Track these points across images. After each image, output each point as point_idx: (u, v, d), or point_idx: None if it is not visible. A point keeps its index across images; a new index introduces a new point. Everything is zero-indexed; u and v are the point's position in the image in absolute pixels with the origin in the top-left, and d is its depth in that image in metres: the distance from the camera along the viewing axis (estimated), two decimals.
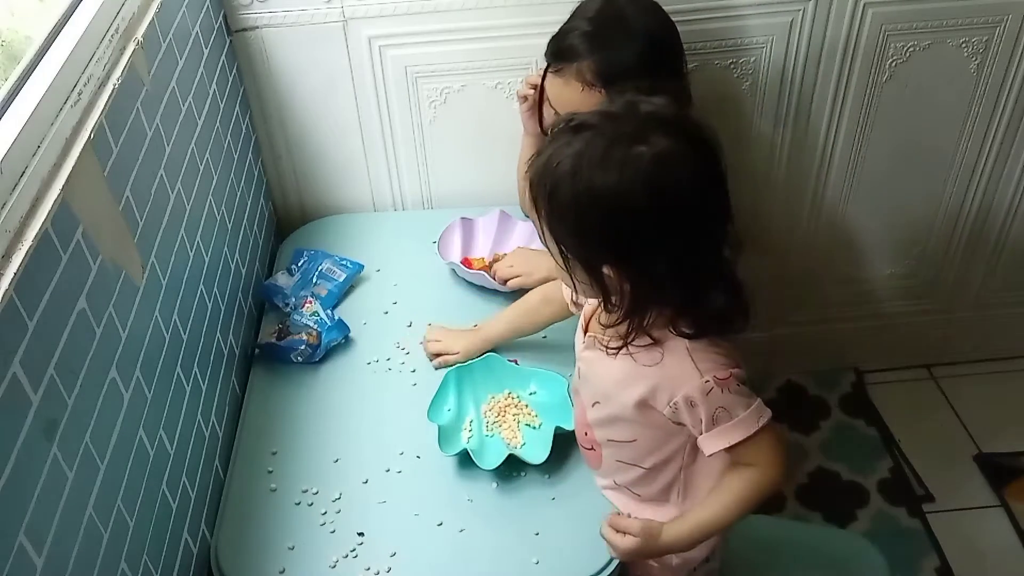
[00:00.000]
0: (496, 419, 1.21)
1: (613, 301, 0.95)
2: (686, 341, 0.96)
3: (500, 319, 1.32)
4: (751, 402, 0.97)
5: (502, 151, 1.58)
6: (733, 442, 0.97)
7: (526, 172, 0.96)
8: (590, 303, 1.08)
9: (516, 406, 1.22)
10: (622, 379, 1.01)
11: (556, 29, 1.44)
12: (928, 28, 1.51)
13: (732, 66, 1.53)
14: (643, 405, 1.00)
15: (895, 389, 1.98)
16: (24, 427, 0.70)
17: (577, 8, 1.28)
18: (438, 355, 1.31)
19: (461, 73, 1.50)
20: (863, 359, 2.01)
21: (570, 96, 1.23)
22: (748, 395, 0.97)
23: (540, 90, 1.32)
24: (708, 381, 0.95)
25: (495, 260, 1.47)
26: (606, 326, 1.00)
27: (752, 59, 1.52)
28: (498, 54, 1.49)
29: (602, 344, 1.01)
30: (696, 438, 1.00)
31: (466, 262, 1.47)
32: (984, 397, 1.95)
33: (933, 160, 1.70)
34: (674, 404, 0.98)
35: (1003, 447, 1.84)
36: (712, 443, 0.98)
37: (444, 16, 1.44)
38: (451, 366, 1.27)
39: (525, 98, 1.38)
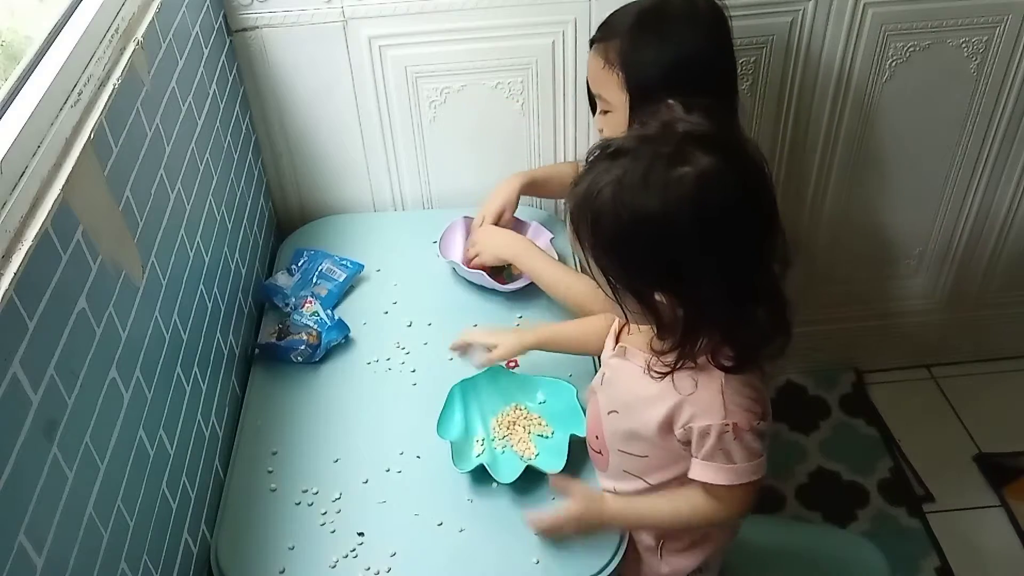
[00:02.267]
0: (506, 433, 1.19)
1: (666, 328, 0.93)
2: (722, 376, 0.95)
3: (552, 329, 1.27)
4: (754, 458, 0.97)
5: (502, 151, 1.58)
6: (717, 483, 0.98)
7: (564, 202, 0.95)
8: None
9: (526, 417, 1.21)
10: (649, 397, 1.00)
11: (556, 29, 1.45)
12: (928, 28, 1.51)
13: None
14: (664, 427, 1.00)
15: (895, 389, 1.98)
16: (24, 427, 0.70)
17: None
18: (465, 347, 1.28)
19: (461, 73, 1.50)
20: (863, 359, 2.01)
21: (593, 71, 1.24)
22: (757, 450, 0.97)
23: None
24: (727, 425, 0.95)
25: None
26: (657, 352, 0.97)
27: (752, 59, 1.52)
28: (498, 54, 1.49)
29: (652, 370, 0.98)
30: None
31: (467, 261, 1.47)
32: (984, 397, 1.95)
33: (933, 160, 1.70)
34: (688, 428, 0.98)
35: (1003, 447, 1.84)
36: (698, 471, 0.99)
37: (444, 16, 1.44)
38: (479, 365, 1.24)
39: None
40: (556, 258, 1.43)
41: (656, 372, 0.97)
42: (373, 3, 1.43)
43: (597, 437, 1.11)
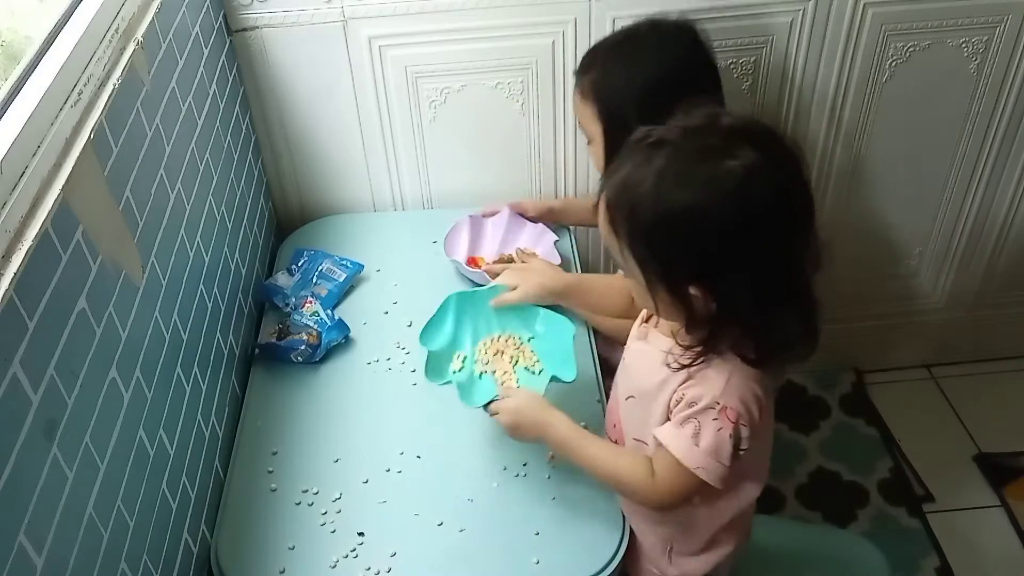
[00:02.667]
0: (490, 359, 1.17)
1: (696, 322, 0.92)
2: (737, 363, 0.93)
3: (578, 278, 1.27)
4: (716, 457, 0.94)
5: (502, 151, 1.58)
6: (671, 449, 0.95)
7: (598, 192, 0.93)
8: None
9: (517, 348, 1.18)
10: (664, 381, 0.99)
11: (556, 29, 1.45)
12: (928, 28, 1.51)
13: (732, 66, 1.53)
14: (670, 405, 0.98)
15: (895, 389, 1.98)
16: (24, 427, 0.70)
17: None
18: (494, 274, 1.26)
19: (461, 73, 1.50)
20: (863, 359, 2.01)
21: (574, 103, 1.28)
22: (724, 452, 0.93)
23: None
24: (717, 403, 0.93)
25: (500, 260, 1.47)
26: (684, 346, 0.96)
27: (752, 59, 1.52)
28: (498, 54, 1.49)
29: (675, 360, 0.96)
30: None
31: (471, 261, 1.47)
32: (984, 397, 1.95)
33: (933, 160, 1.70)
34: (682, 394, 0.96)
35: (1003, 447, 1.84)
36: (663, 431, 0.97)
37: (444, 16, 1.44)
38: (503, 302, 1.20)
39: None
40: (559, 262, 1.43)
41: (677, 364, 0.95)
42: (373, 3, 1.43)
43: (615, 425, 1.10)
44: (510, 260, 1.47)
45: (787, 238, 0.88)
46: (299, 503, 1.13)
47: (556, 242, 1.47)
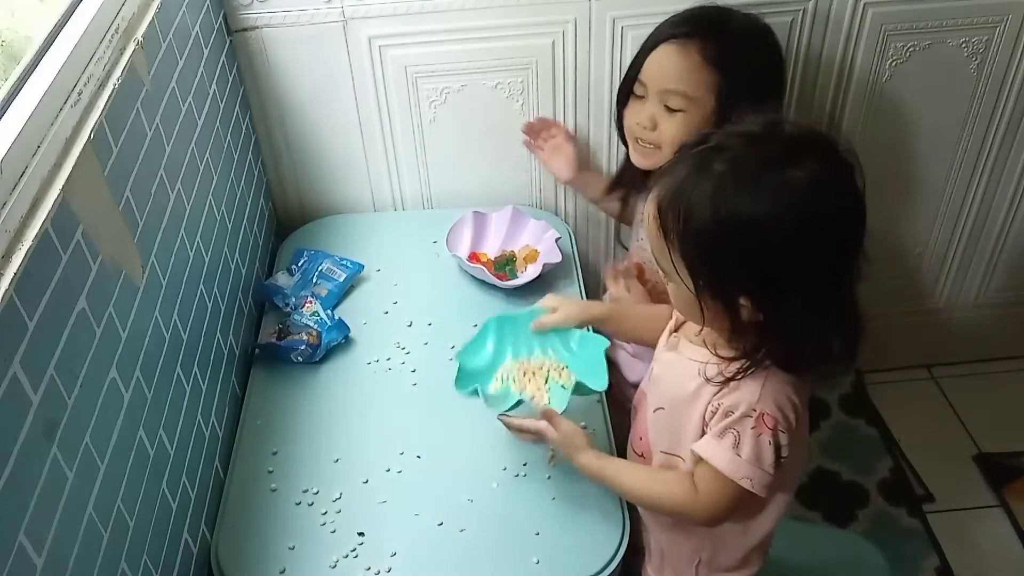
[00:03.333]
0: (526, 380, 1.17)
1: (741, 333, 0.91)
2: (771, 368, 0.92)
3: (621, 306, 1.24)
4: (759, 465, 0.93)
5: (502, 151, 1.58)
6: (713, 462, 0.94)
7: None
8: None
9: (554, 368, 1.18)
10: (696, 390, 0.98)
11: (556, 29, 1.45)
12: (928, 28, 1.51)
13: None
14: (704, 418, 0.97)
15: (895, 389, 1.98)
16: (24, 427, 0.70)
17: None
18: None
19: (461, 73, 1.50)
20: (863, 359, 2.00)
21: (680, 67, 1.21)
22: (766, 460, 0.92)
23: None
24: (754, 410, 0.92)
25: (502, 256, 1.47)
26: (725, 358, 0.94)
27: None
28: (498, 54, 1.49)
29: (710, 378, 0.96)
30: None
31: (473, 257, 1.47)
32: (984, 397, 1.95)
33: (933, 160, 1.70)
34: (717, 405, 0.94)
35: (1003, 447, 1.84)
36: (703, 444, 0.96)
37: (444, 16, 1.44)
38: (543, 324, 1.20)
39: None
40: (559, 260, 1.43)
41: (721, 378, 0.94)
42: (373, 3, 1.43)
43: (641, 438, 1.09)
44: (512, 256, 1.47)
45: (841, 252, 0.87)
46: (299, 503, 1.13)
47: (557, 239, 1.47)
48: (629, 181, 1.42)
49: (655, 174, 0.94)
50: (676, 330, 1.06)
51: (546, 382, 1.17)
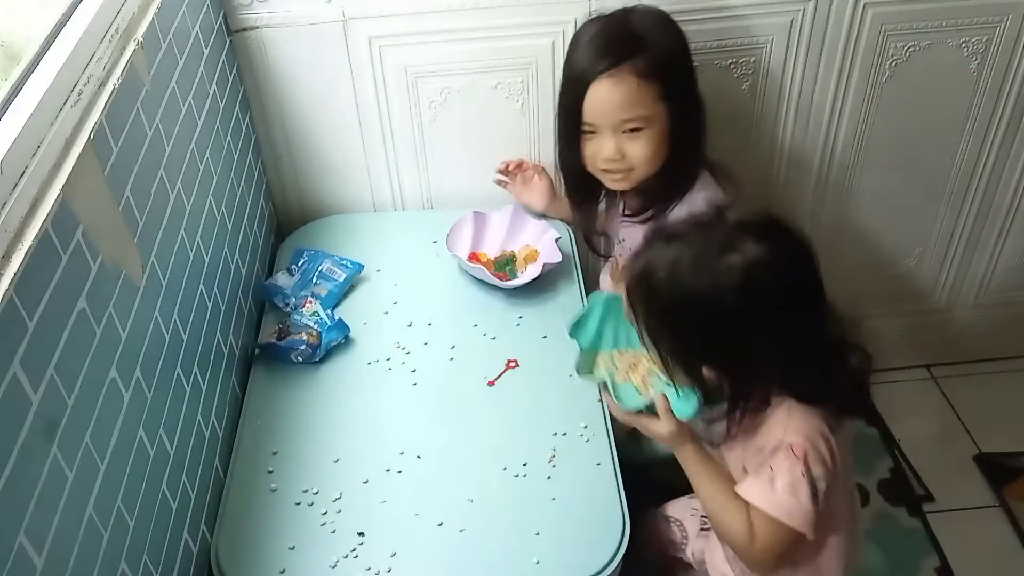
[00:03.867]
0: (627, 368, 1.16)
1: (712, 397, 1.00)
2: (792, 402, 0.98)
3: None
4: (796, 497, 0.95)
5: (502, 151, 1.58)
6: (754, 501, 0.98)
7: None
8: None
9: (648, 367, 1.16)
10: (736, 464, 1.05)
11: (556, 29, 1.45)
12: (928, 28, 1.51)
13: (732, 66, 1.53)
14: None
15: (895, 389, 1.98)
16: (24, 427, 0.70)
17: (578, 36, 1.29)
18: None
19: (461, 73, 1.50)
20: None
21: (625, 96, 1.23)
22: (802, 492, 0.95)
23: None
24: (782, 442, 0.97)
25: (502, 257, 1.48)
26: (708, 421, 1.04)
27: (752, 59, 1.52)
28: (498, 54, 1.48)
29: (718, 440, 1.05)
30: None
31: (473, 257, 1.47)
32: (984, 397, 1.95)
33: (933, 160, 1.70)
34: (747, 452, 1.01)
35: (1003, 447, 1.84)
36: (743, 485, 1.01)
37: (444, 16, 1.44)
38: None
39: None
40: (559, 260, 1.43)
41: (719, 441, 1.03)
42: (373, 3, 1.43)
43: None
44: (512, 256, 1.47)
45: (788, 319, 0.95)
46: (299, 503, 1.13)
47: (557, 239, 1.47)
48: (582, 194, 1.42)
49: (628, 259, 1.04)
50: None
51: (649, 376, 1.16)
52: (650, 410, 1.10)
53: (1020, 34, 1.53)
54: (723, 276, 0.93)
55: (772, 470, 0.96)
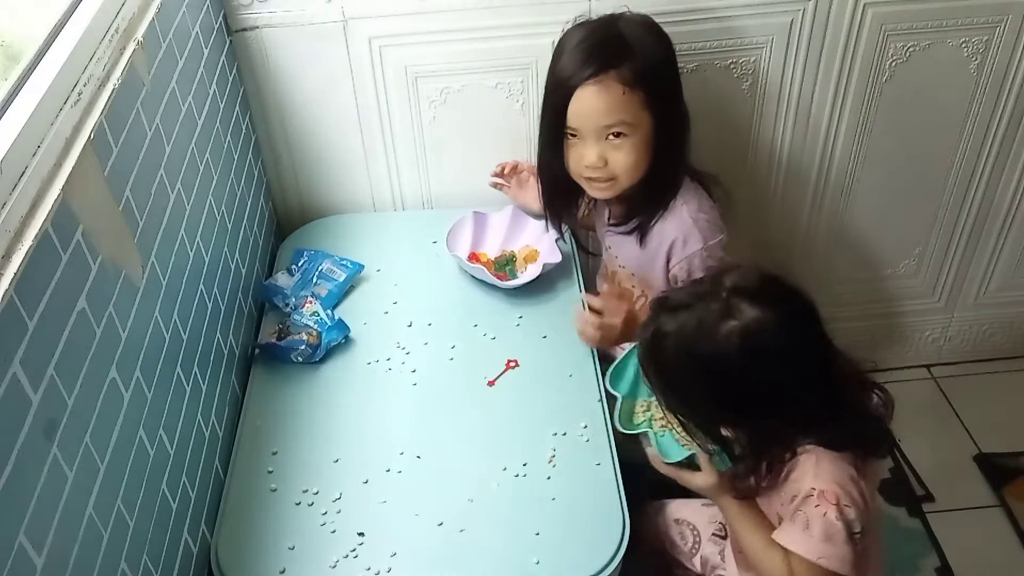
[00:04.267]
0: (662, 416, 1.17)
1: (737, 454, 1.03)
2: (820, 448, 1.00)
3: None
4: (833, 542, 0.97)
5: (502, 151, 1.58)
6: (790, 547, 1.00)
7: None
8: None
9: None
10: (770, 514, 1.08)
11: (556, 29, 1.44)
12: (928, 28, 1.51)
13: (732, 66, 1.53)
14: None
15: (895, 389, 1.97)
16: (24, 427, 0.70)
17: (563, 42, 1.29)
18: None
19: (461, 73, 1.50)
20: (863, 359, 2.01)
21: (609, 102, 1.22)
22: (839, 536, 0.97)
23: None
24: (813, 490, 0.98)
25: (502, 257, 1.48)
26: (735, 477, 1.06)
27: (752, 59, 1.52)
28: (498, 54, 1.49)
29: (740, 496, 1.08)
30: None
31: (473, 257, 1.47)
32: (984, 397, 1.95)
33: (933, 160, 1.70)
34: (782, 502, 1.03)
35: (1003, 447, 1.84)
36: (780, 534, 1.02)
37: (444, 16, 1.44)
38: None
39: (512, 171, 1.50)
40: (559, 260, 1.43)
41: (743, 493, 1.07)
42: (373, 3, 1.43)
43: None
44: (512, 256, 1.47)
45: (795, 374, 0.97)
46: (299, 503, 1.13)
47: (557, 239, 1.47)
48: (561, 200, 1.42)
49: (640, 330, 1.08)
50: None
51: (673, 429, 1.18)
52: (690, 460, 1.13)
53: (1020, 34, 1.53)
54: (724, 341, 0.96)
55: (807, 516, 0.98)
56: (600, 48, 1.23)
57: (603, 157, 1.26)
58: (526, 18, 1.45)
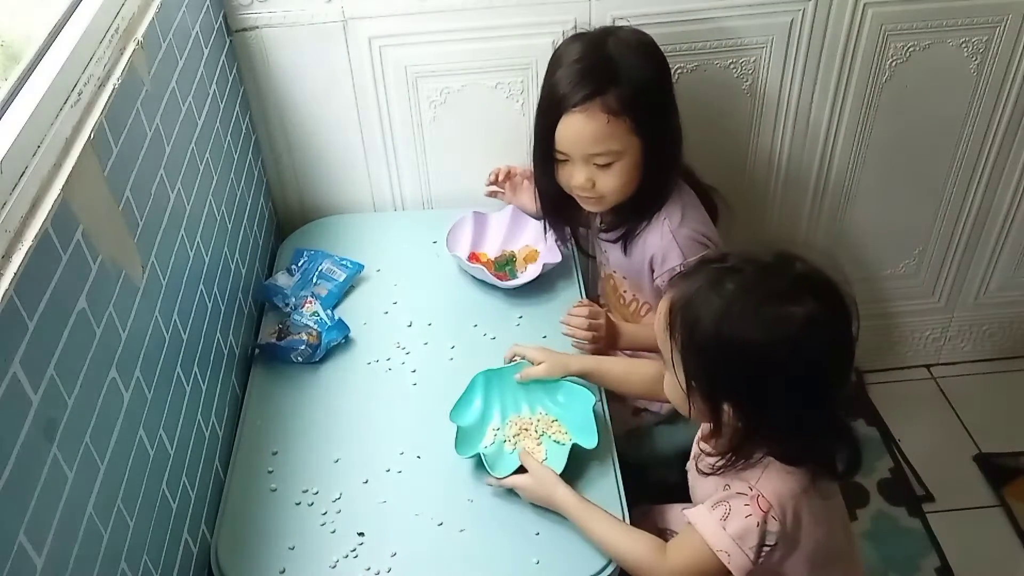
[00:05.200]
0: (517, 433, 1.19)
1: (723, 433, 0.99)
2: (774, 461, 0.98)
3: (598, 360, 1.27)
4: (743, 545, 0.96)
5: (502, 151, 1.58)
6: (696, 527, 0.98)
7: (664, 297, 1.00)
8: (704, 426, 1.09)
9: (542, 422, 1.20)
10: (703, 492, 1.05)
11: (556, 29, 1.44)
12: (928, 28, 1.51)
13: (732, 66, 1.53)
14: None
15: (895, 389, 1.98)
16: (24, 427, 0.70)
17: (558, 57, 1.28)
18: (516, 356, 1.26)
19: (461, 73, 1.50)
20: (863, 359, 2.01)
21: (595, 131, 1.22)
22: (751, 542, 0.95)
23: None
24: (751, 489, 0.97)
25: (502, 257, 1.48)
26: (707, 453, 1.03)
27: (752, 59, 1.52)
28: (498, 54, 1.49)
29: (697, 467, 1.04)
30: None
31: (473, 257, 1.47)
32: (984, 397, 1.95)
33: (933, 160, 1.70)
34: (723, 486, 1.01)
35: (1003, 447, 1.84)
36: (693, 512, 1.01)
37: (444, 16, 1.44)
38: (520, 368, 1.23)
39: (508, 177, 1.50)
40: (559, 260, 1.43)
41: (702, 471, 1.02)
42: (373, 3, 1.43)
43: None
44: (512, 256, 1.48)
45: (825, 384, 0.95)
46: (299, 503, 1.13)
47: (557, 240, 1.47)
48: (558, 212, 1.42)
49: (673, 279, 1.04)
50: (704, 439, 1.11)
51: (539, 437, 1.19)
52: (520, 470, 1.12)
53: (1020, 34, 1.53)
54: (779, 326, 0.91)
55: (729, 509, 0.97)
56: (587, 74, 1.22)
57: (591, 179, 1.27)
58: (526, 18, 1.45)
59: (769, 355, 0.92)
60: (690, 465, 1.13)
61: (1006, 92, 1.60)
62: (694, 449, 1.12)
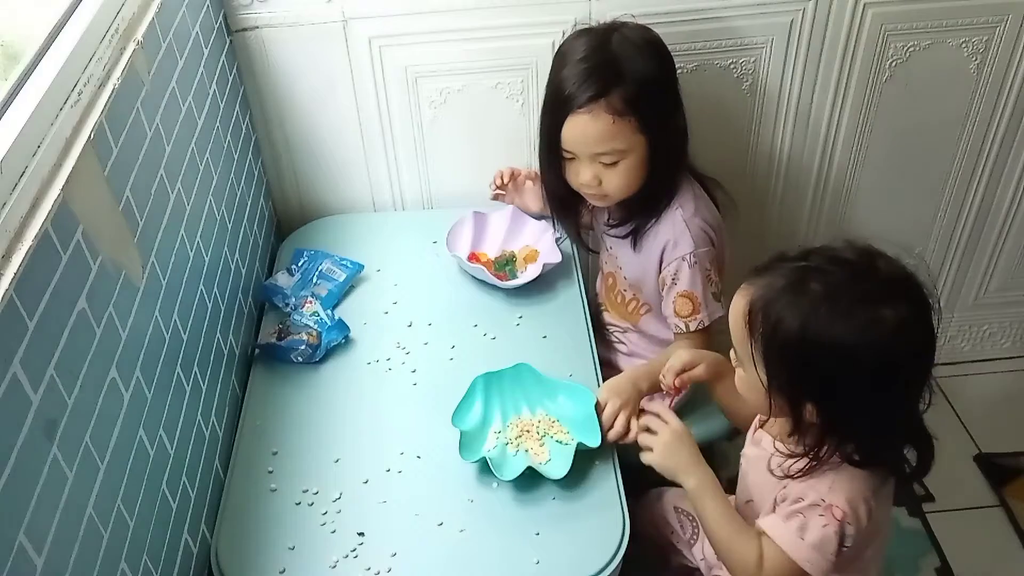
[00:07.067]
0: (519, 435, 1.19)
1: (803, 434, 0.98)
2: (841, 464, 0.98)
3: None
4: (824, 553, 0.96)
5: (502, 151, 1.58)
6: (774, 539, 0.99)
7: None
8: None
9: (544, 423, 1.20)
10: (768, 492, 1.05)
11: (556, 29, 1.44)
12: (928, 28, 1.51)
13: (732, 66, 1.53)
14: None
15: None
16: (24, 427, 0.70)
17: (563, 54, 1.28)
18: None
19: (461, 73, 1.50)
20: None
21: (600, 131, 1.22)
22: (831, 549, 0.96)
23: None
24: (823, 501, 0.97)
25: (502, 257, 1.48)
26: (787, 453, 1.02)
27: (752, 59, 1.52)
28: (498, 54, 1.49)
29: (778, 468, 1.03)
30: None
31: (473, 257, 1.47)
32: (984, 397, 1.95)
33: (933, 160, 1.70)
34: (785, 495, 1.01)
35: (1003, 447, 1.84)
36: (769, 521, 1.01)
37: (444, 16, 1.44)
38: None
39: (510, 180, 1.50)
40: (559, 260, 1.43)
41: (780, 472, 1.01)
42: (373, 3, 1.43)
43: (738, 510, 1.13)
44: (512, 256, 1.48)
45: (910, 386, 0.94)
46: (299, 503, 1.13)
47: (557, 239, 1.47)
48: (565, 209, 1.43)
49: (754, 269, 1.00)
50: (761, 425, 1.11)
51: (542, 438, 1.18)
52: (532, 471, 1.11)
53: (1020, 34, 1.53)
54: (870, 328, 0.90)
55: (805, 520, 0.97)
56: (592, 74, 1.22)
57: (597, 177, 1.28)
58: (526, 18, 1.45)
59: (858, 357, 0.90)
60: (745, 452, 1.13)
61: (1006, 92, 1.60)
62: (752, 438, 1.11)
